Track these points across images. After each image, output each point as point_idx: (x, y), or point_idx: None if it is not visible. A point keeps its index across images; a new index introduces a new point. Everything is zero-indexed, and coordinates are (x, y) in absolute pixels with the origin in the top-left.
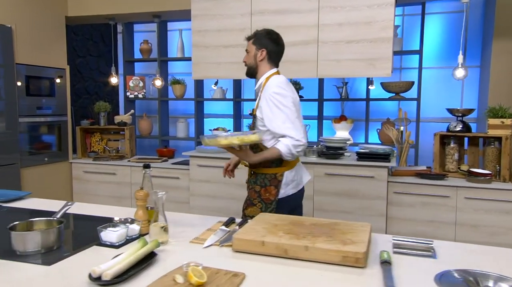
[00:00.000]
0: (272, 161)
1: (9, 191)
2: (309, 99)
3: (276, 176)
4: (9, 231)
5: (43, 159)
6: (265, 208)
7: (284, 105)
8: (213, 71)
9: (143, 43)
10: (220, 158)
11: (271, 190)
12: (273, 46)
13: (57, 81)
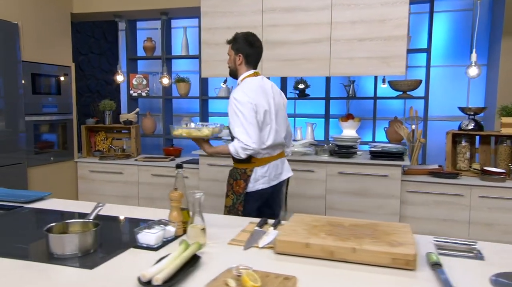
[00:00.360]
0: (241, 158)
1: (28, 192)
2: (316, 97)
3: (246, 171)
4: (47, 234)
5: (49, 158)
6: (236, 199)
7: (240, 111)
8: (223, 69)
9: (147, 40)
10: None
11: (240, 184)
12: (249, 50)
13: (62, 79)
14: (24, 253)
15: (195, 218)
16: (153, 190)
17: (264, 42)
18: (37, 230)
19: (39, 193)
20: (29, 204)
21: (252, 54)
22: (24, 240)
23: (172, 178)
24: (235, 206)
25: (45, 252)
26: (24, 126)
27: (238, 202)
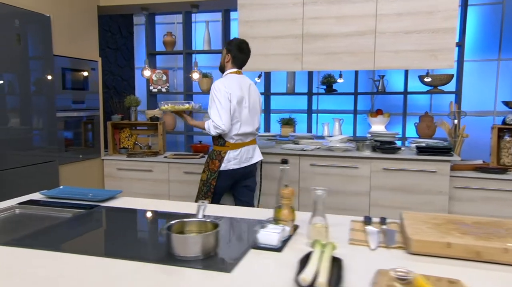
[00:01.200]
0: (218, 139)
1: (99, 190)
2: (344, 92)
3: (221, 153)
4: (169, 234)
5: (78, 156)
6: (210, 175)
7: (217, 97)
8: (261, 63)
9: (167, 35)
10: (271, 153)
11: (215, 163)
12: (237, 53)
13: (89, 73)
14: (141, 255)
15: (315, 217)
16: (185, 187)
17: (305, 35)
18: (137, 230)
19: (110, 192)
20: (103, 203)
21: (239, 57)
22: (133, 241)
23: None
24: (209, 181)
25: (164, 253)
26: (56, 123)
27: (212, 178)
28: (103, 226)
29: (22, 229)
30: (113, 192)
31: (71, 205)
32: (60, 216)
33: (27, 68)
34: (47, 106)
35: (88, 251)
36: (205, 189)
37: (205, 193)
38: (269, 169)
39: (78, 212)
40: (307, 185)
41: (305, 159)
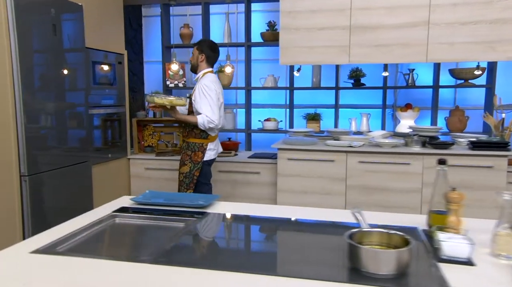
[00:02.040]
0: (200, 133)
1: (193, 195)
2: (372, 86)
3: (203, 145)
4: (357, 246)
5: (107, 155)
6: (193, 167)
7: (208, 95)
8: (305, 56)
9: (184, 27)
10: (312, 150)
11: (198, 154)
12: (210, 53)
13: (117, 68)
14: (319, 272)
15: (501, 224)
16: (223, 187)
17: (353, 26)
18: (276, 241)
19: (210, 196)
20: (206, 209)
21: (213, 56)
22: (288, 254)
23: (241, 174)
24: (192, 172)
25: (341, 268)
26: (89, 121)
27: (195, 169)
28: (229, 236)
29: (141, 242)
30: (212, 197)
31: (173, 213)
32: (172, 226)
33: (63, 61)
34: (81, 103)
35: (232, 266)
36: (188, 181)
37: (188, 185)
38: (318, 167)
39: (190, 221)
40: (354, 183)
41: (353, 156)
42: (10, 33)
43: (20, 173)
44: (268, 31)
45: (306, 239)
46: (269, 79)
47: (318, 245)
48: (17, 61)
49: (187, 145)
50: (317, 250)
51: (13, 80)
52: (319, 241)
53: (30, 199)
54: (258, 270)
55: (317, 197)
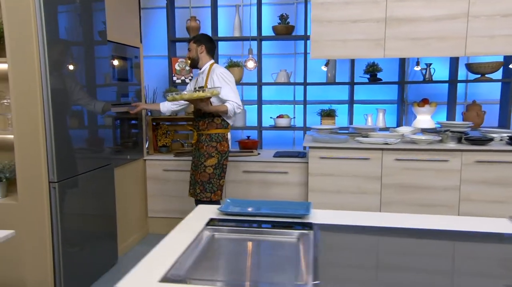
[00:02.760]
0: (221, 123)
1: (289, 203)
2: (389, 81)
3: (225, 134)
4: None
5: (126, 156)
6: (221, 157)
7: (230, 81)
8: (337, 50)
9: (190, 20)
10: (346, 148)
11: (224, 144)
12: (208, 43)
13: (133, 62)
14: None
15: None
16: (248, 188)
17: (388, 19)
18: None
19: (304, 204)
20: (304, 219)
21: (211, 47)
22: None
23: (267, 174)
24: (221, 162)
25: None
26: (110, 120)
27: (224, 158)
28: (373, 252)
29: (271, 261)
30: (306, 205)
31: (272, 224)
32: (283, 241)
33: (90, 55)
34: (105, 101)
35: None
36: (219, 171)
37: (219, 175)
38: (352, 165)
39: (302, 234)
40: (390, 181)
41: (389, 154)
42: (38, 25)
43: (49, 180)
44: (280, 24)
45: (467, 251)
46: (281, 74)
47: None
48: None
49: (209, 137)
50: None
51: (41, 77)
52: (487, 253)
53: (59, 206)
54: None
55: (352, 196)
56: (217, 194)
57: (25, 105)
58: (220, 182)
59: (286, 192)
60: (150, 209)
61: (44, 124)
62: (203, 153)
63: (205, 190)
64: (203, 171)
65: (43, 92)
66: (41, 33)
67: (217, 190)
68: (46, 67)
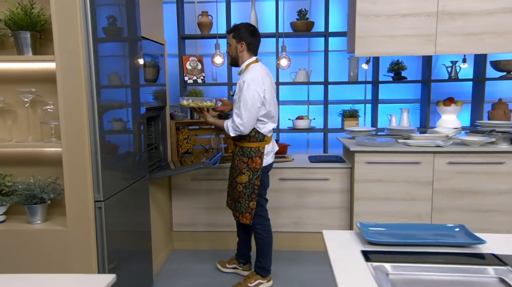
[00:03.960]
0: (255, 135)
1: (441, 226)
2: (414, 80)
3: (260, 149)
4: None
5: (159, 163)
6: (252, 176)
7: (243, 95)
8: (385, 47)
9: (202, 15)
10: (395, 152)
11: (256, 161)
12: (250, 39)
13: (159, 60)
14: None
15: None
16: (286, 196)
17: (440, 13)
18: None
19: (461, 227)
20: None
21: (254, 43)
22: None
23: (307, 181)
24: (252, 181)
25: None
26: (145, 127)
27: (255, 177)
28: None
29: None
30: (463, 229)
31: (438, 257)
32: (480, 281)
33: (132, 52)
34: (134, 105)
35: None
36: (249, 191)
37: (249, 196)
38: (401, 170)
39: (496, 270)
40: (442, 186)
41: (441, 157)
42: (82, 18)
43: (95, 199)
44: (299, 20)
45: None
46: (300, 73)
47: None
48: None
49: (241, 151)
50: None
51: (87, 79)
52: None
53: (105, 228)
54: None
55: (401, 203)
56: (245, 217)
57: (73, 112)
58: (250, 204)
59: (326, 199)
60: (176, 223)
61: (90, 134)
62: (235, 167)
63: (235, 208)
64: (234, 187)
65: (89, 97)
66: (85, 28)
67: (245, 212)
68: (92, 68)
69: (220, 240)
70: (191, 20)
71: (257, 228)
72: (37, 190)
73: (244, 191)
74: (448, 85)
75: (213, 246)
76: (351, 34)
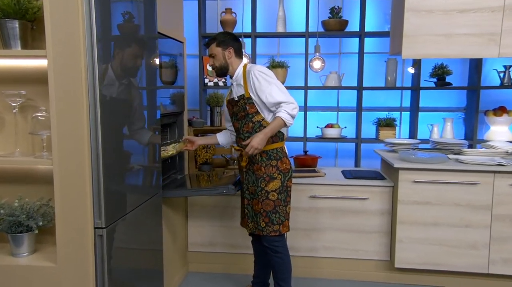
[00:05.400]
0: (276, 134)
1: None
2: (460, 87)
3: (283, 148)
4: None
5: (175, 176)
6: (284, 178)
7: (273, 78)
8: (439, 47)
9: (226, 12)
10: (446, 170)
11: (285, 161)
12: (236, 44)
13: (177, 61)
14: None
15: None
16: (317, 216)
17: (507, 7)
18: None
19: None
20: None
21: (239, 47)
22: None
23: (339, 200)
24: (285, 184)
25: None
26: (159, 135)
27: (287, 179)
28: None
29: None
30: None
31: None
32: None
33: (136, 48)
34: (150, 110)
35: None
36: (284, 196)
37: (284, 201)
38: (454, 191)
39: None
40: (504, 212)
41: (502, 177)
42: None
43: (95, 225)
44: (331, 18)
45: None
46: (331, 77)
47: None
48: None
49: (266, 156)
50: None
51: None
52: None
53: (107, 258)
54: None
55: (452, 231)
56: (285, 225)
57: (69, 120)
58: (287, 209)
59: (363, 222)
60: (191, 243)
61: (90, 146)
62: (262, 176)
63: (271, 222)
64: (265, 198)
65: (90, 102)
66: (88, 16)
67: (285, 220)
68: (95, 66)
69: (238, 263)
70: (214, 18)
71: (276, 246)
72: (23, 216)
73: (280, 198)
74: (497, 92)
75: (229, 269)
76: (396, 33)
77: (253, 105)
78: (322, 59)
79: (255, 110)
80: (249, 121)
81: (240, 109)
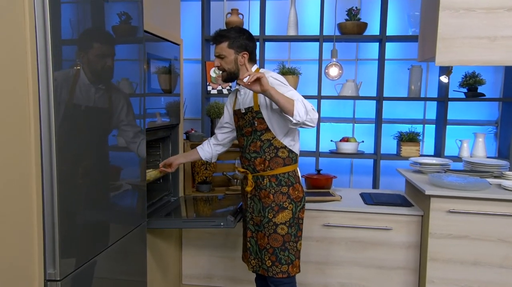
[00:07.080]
0: (288, 155)
1: None
2: (492, 98)
3: (295, 172)
4: None
5: (161, 207)
6: (295, 208)
7: (286, 84)
8: (481, 52)
9: (232, 13)
10: (488, 199)
11: (298, 187)
12: (252, 45)
13: (173, 66)
14: None
15: None
16: (331, 248)
17: None
18: None
19: None
20: None
21: (254, 49)
22: None
23: (358, 230)
24: (296, 215)
25: None
26: (147, 153)
27: (299, 209)
28: None
29: None
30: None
31: None
32: None
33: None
34: (133, 123)
35: None
36: (295, 230)
37: (295, 235)
38: (496, 224)
39: None
40: None
41: None
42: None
43: (46, 277)
44: (349, 21)
45: None
46: (348, 85)
47: None
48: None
49: (276, 181)
50: None
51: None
52: None
53: None
54: None
55: (495, 272)
56: (295, 265)
57: (5, 130)
58: (298, 245)
59: (386, 256)
60: (185, 275)
61: (42, 171)
62: (270, 205)
63: (279, 261)
64: (273, 232)
65: (43, 102)
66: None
67: (295, 259)
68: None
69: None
70: (219, 20)
71: None
72: None
73: (290, 232)
74: None
75: None
76: (427, 37)
77: (263, 121)
78: (339, 65)
79: (265, 127)
80: (257, 139)
81: (247, 124)
